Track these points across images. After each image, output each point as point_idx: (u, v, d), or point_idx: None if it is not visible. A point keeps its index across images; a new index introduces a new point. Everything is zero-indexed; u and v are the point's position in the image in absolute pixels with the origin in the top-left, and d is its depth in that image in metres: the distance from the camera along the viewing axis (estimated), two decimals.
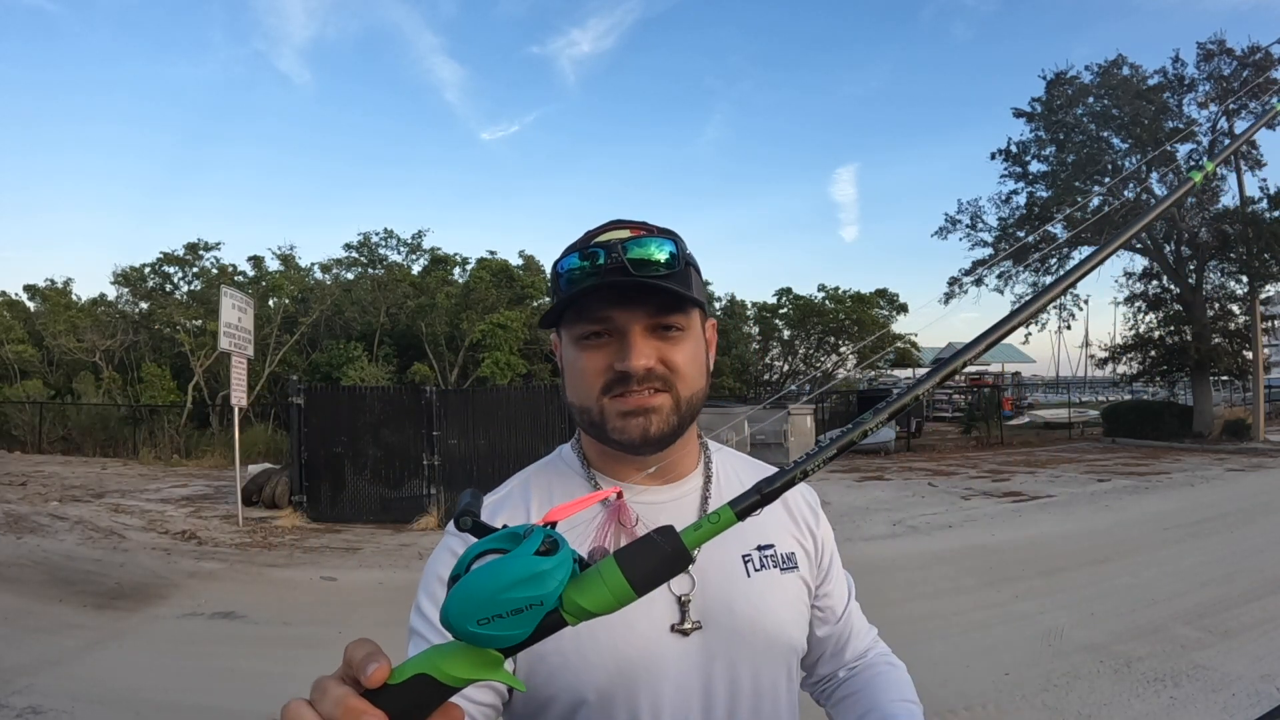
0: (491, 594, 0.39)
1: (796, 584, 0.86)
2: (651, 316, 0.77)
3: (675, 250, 0.77)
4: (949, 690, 3.64)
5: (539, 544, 0.41)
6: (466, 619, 0.39)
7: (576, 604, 0.41)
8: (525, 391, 10.47)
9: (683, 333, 0.79)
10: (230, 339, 8.83)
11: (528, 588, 0.39)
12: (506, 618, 0.39)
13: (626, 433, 0.77)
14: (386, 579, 6.17)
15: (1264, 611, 4.64)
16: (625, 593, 0.42)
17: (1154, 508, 8.76)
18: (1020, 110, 20.11)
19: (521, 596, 0.39)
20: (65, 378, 20.54)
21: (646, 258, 0.75)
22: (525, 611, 0.39)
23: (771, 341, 24.64)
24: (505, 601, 0.39)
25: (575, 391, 0.81)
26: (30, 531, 7.82)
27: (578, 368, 0.79)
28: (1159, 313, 20.36)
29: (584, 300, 0.76)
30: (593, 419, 0.79)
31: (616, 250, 0.75)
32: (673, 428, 0.78)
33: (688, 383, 0.79)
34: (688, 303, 0.78)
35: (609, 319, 0.76)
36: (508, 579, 0.39)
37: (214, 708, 3.63)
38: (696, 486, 0.87)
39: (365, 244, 22.55)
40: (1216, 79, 18.01)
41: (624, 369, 0.75)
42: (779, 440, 13.08)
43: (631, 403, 0.76)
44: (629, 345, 0.76)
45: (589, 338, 0.78)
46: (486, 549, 0.42)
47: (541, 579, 0.40)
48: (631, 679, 0.75)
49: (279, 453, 14.49)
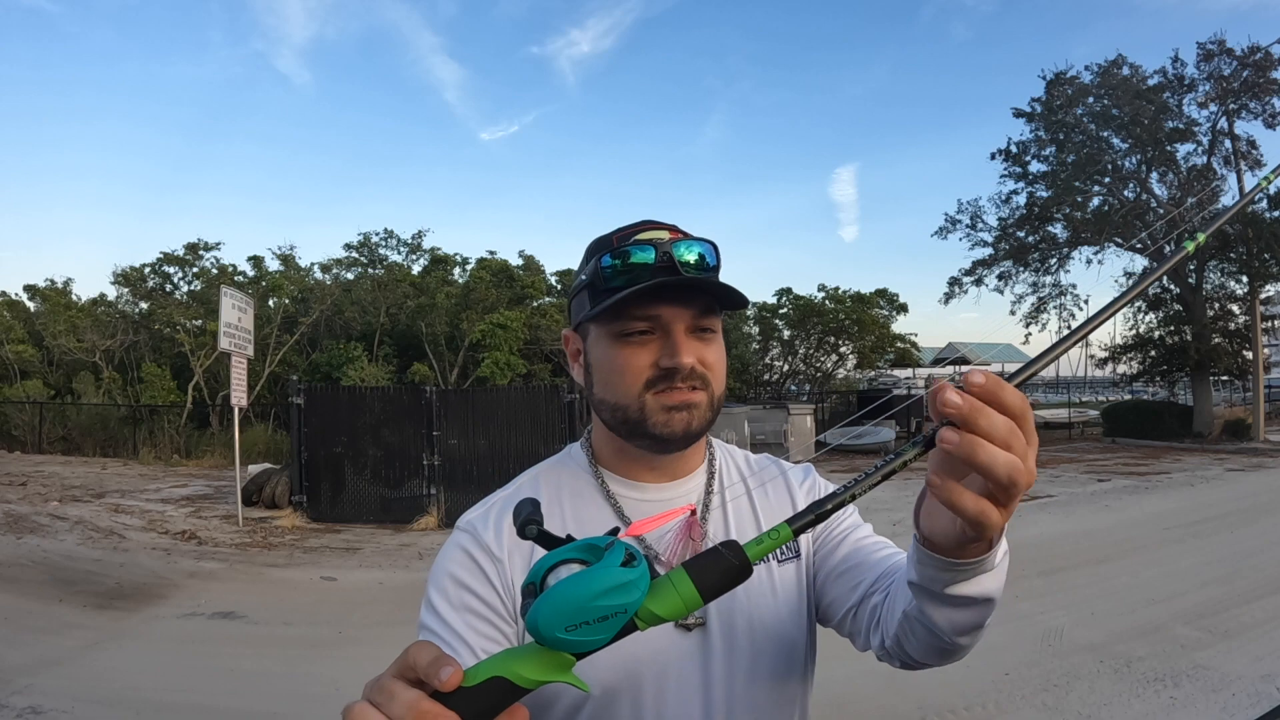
0: (581, 603, 0.41)
1: (795, 574, 0.86)
2: (695, 317, 0.78)
3: (716, 256, 0.80)
4: (949, 690, 3.64)
5: (622, 556, 0.43)
6: (556, 626, 0.41)
7: (650, 611, 0.44)
8: (525, 391, 10.46)
9: (715, 334, 0.81)
10: (230, 339, 8.83)
11: (615, 597, 0.42)
12: (593, 624, 0.41)
13: (670, 426, 0.78)
14: (386, 579, 6.17)
15: (1264, 611, 4.64)
16: (694, 600, 0.45)
17: (1154, 508, 8.76)
18: (1020, 110, 20.12)
19: (609, 605, 0.41)
20: (65, 378, 20.53)
21: (694, 259, 0.77)
22: (610, 619, 0.42)
23: (771, 341, 24.62)
24: (594, 610, 0.41)
25: (611, 388, 0.80)
26: (30, 531, 7.82)
27: (616, 364, 0.78)
28: (1159, 313, 20.36)
29: (633, 297, 0.76)
30: (629, 415, 0.79)
31: (665, 249, 0.76)
32: (707, 423, 0.81)
33: (719, 382, 0.81)
34: (728, 305, 0.80)
35: (656, 316, 0.77)
36: (598, 589, 0.41)
37: (214, 708, 3.63)
38: (699, 484, 0.88)
39: (365, 244, 22.55)
40: (1216, 79, 18.00)
41: (672, 365, 0.76)
42: (779, 440, 13.08)
43: (677, 398, 0.77)
44: (676, 342, 0.77)
45: (632, 335, 0.78)
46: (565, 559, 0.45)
47: (628, 589, 0.42)
48: (636, 676, 0.75)
49: (279, 453, 14.48)
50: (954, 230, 21.43)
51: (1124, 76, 18.88)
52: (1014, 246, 20.60)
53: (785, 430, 13.16)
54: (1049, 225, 20.18)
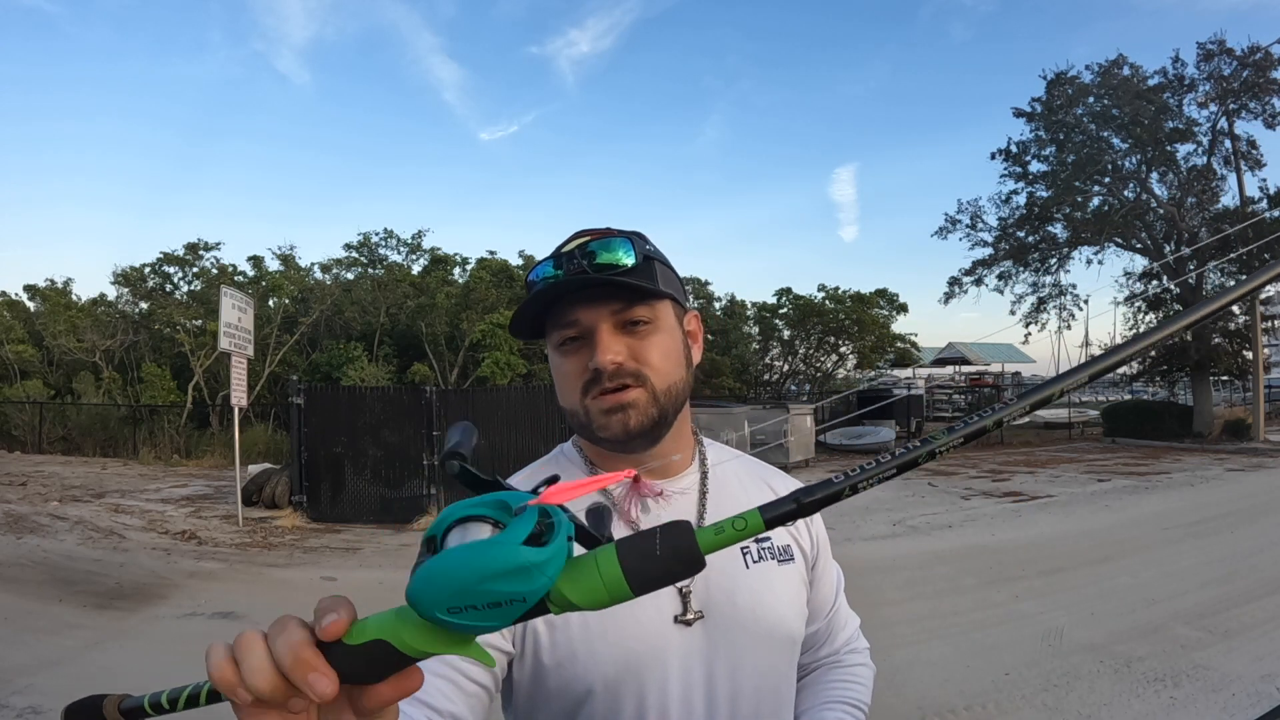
0: (467, 583, 0.34)
1: (793, 575, 0.87)
2: (616, 313, 0.78)
3: (632, 246, 0.78)
4: (949, 690, 3.65)
5: (531, 528, 0.36)
6: (436, 605, 0.34)
7: (564, 597, 0.37)
8: (525, 391, 10.45)
9: (651, 325, 0.80)
10: (230, 339, 8.83)
11: (510, 583, 0.34)
12: (482, 610, 0.34)
13: (610, 429, 0.79)
14: (386, 579, 6.17)
15: (1264, 611, 4.64)
16: (621, 591, 0.37)
17: (1154, 508, 8.76)
18: (1020, 110, 20.12)
19: (501, 591, 0.34)
20: (65, 378, 20.52)
21: (606, 259, 0.77)
22: (504, 606, 0.35)
23: (771, 341, 24.62)
24: (482, 593, 0.34)
25: (562, 395, 0.83)
26: (30, 531, 7.82)
27: (561, 372, 0.82)
28: (1159, 313, 20.36)
29: (553, 307, 0.79)
30: (580, 420, 0.81)
31: (575, 255, 0.77)
32: (653, 420, 0.79)
33: (662, 375, 0.80)
34: (649, 295, 0.79)
35: (576, 321, 0.79)
36: (490, 569, 0.34)
37: (214, 707, 3.62)
38: (693, 483, 0.87)
39: (365, 244, 22.57)
40: (1216, 79, 18.00)
41: (594, 366, 0.77)
42: (779, 440, 13.08)
43: (609, 401, 0.78)
44: (596, 343, 0.78)
45: (564, 343, 0.80)
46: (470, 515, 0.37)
47: (528, 575, 0.34)
48: (637, 670, 0.76)
49: (279, 453, 14.48)
50: (954, 230, 21.45)
51: (1124, 76, 18.88)
52: (1014, 246, 20.60)
53: (785, 430, 13.15)
54: (1049, 225, 20.19)
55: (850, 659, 0.98)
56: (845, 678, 0.95)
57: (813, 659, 0.97)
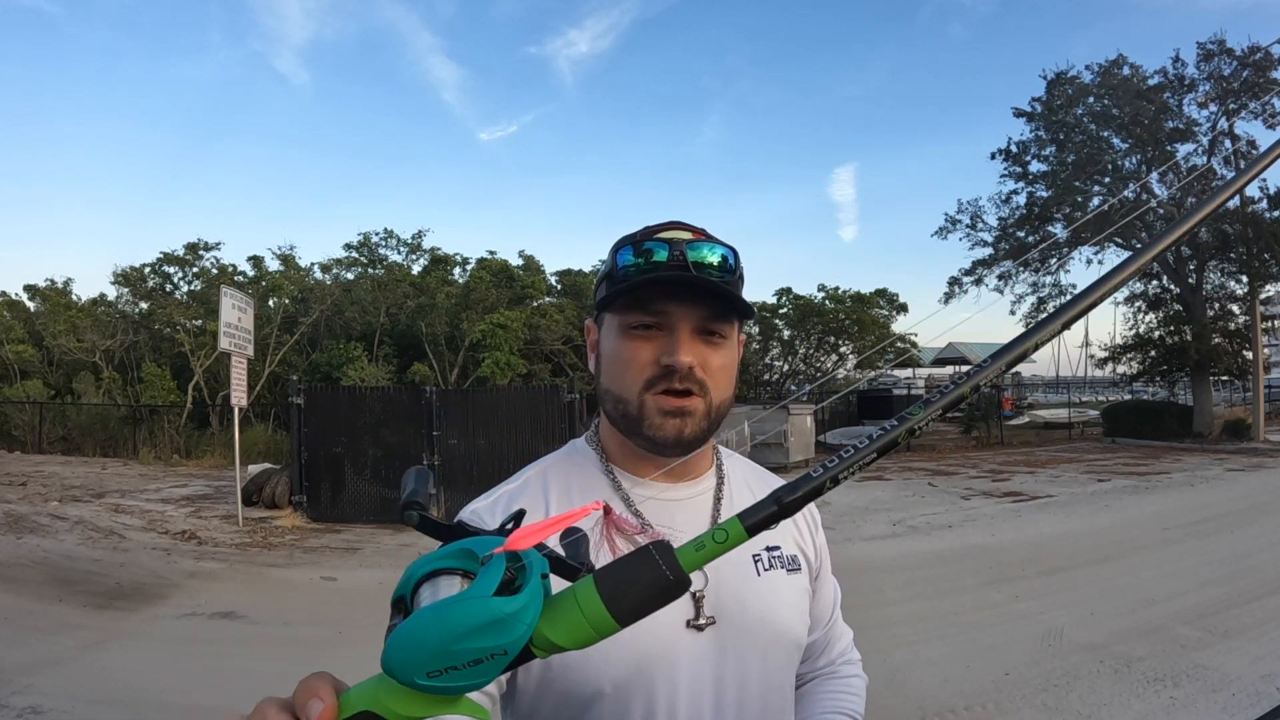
0: (443, 644, 0.32)
1: (800, 585, 0.88)
2: (703, 319, 0.78)
3: (734, 260, 0.79)
4: (949, 690, 3.65)
5: (500, 577, 0.34)
6: (414, 671, 0.33)
7: (547, 639, 0.35)
8: (525, 391, 10.46)
9: (724, 340, 0.80)
10: (230, 339, 8.82)
11: (488, 637, 0.33)
12: (463, 669, 0.33)
13: (663, 430, 0.78)
14: (386, 579, 6.17)
15: (1264, 611, 4.64)
16: (606, 625, 0.36)
17: (1154, 508, 8.76)
18: (1020, 110, 20.13)
19: (481, 646, 0.33)
20: (65, 378, 20.52)
21: (708, 261, 0.77)
22: (486, 662, 0.33)
23: (771, 341, 24.62)
24: (460, 653, 0.32)
25: (616, 380, 0.80)
26: (30, 531, 7.82)
27: (622, 357, 0.80)
28: (1159, 313, 20.37)
29: (643, 291, 0.77)
30: (629, 411, 0.79)
31: (681, 248, 0.76)
32: (703, 432, 0.80)
33: (720, 389, 0.80)
34: (738, 312, 0.79)
35: (665, 313, 0.77)
36: (464, 626, 0.32)
37: (214, 708, 3.62)
38: (710, 487, 0.88)
39: (365, 244, 22.56)
40: (1216, 79, 18.00)
41: (671, 363, 0.76)
42: (779, 440, 13.08)
43: (673, 403, 0.77)
44: (678, 340, 0.77)
45: (639, 328, 0.78)
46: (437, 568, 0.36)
47: (505, 626, 0.33)
48: (648, 673, 0.76)
49: (279, 453, 14.48)
50: (954, 230, 21.46)
51: (1124, 76, 18.89)
52: (1014, 246, 20.60)
53: (785, 430, 13.15)
54: (1049, 225, 20.18)
55: (845, 669, 0.99)
56: (841, 689, 0.96)
57: (810, 669, 0.97)
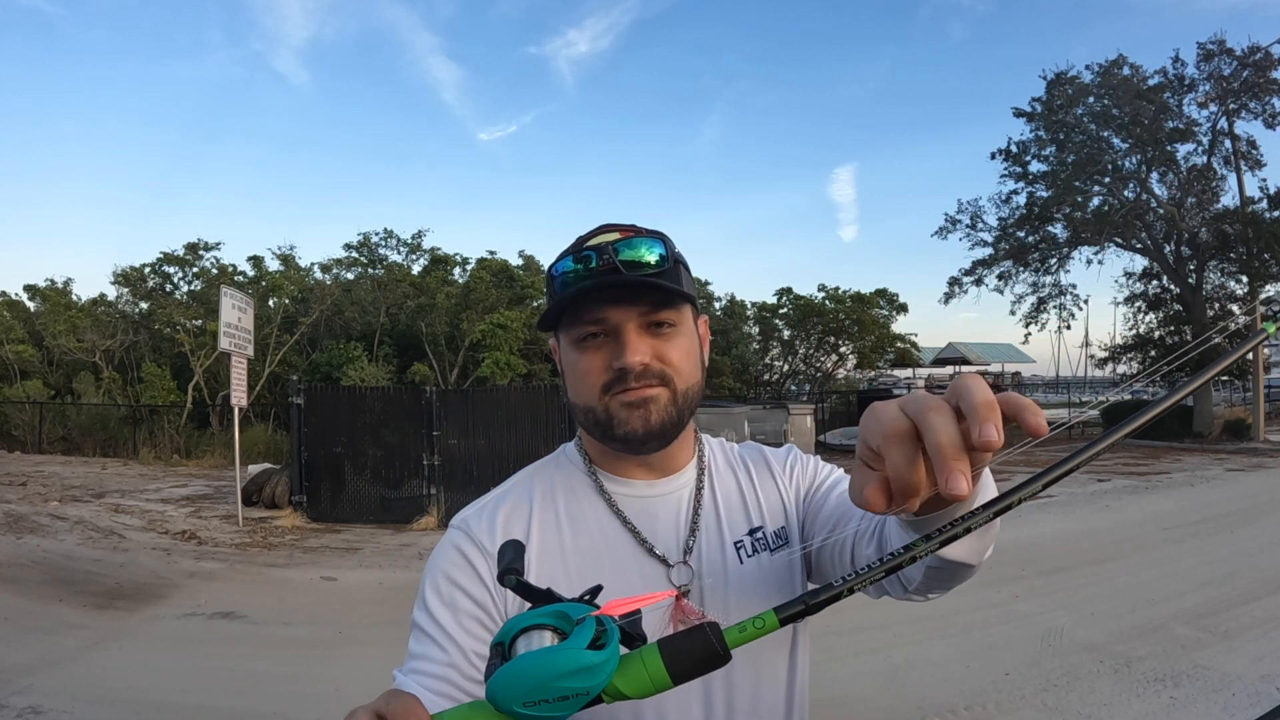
0: (542, 681, 0.41)
1: (787, 563, 0.87)
2: (644, 314, 0.79)
3: (664, 249, 0.79)
4: (949, 690, 3.65)
5: (591, 635, 0.43)
6: (514, 699, 0.41)
7: (617, 689, 0.44)
8: (525, 391, 10.46)
9: (675, 329, 0.81)
10: (230, 339, 8.83)
11: (578, 680, 0.41)
12: (553, 703, 0.41)
13: (630, 424, 0.79)
14: (386, 579, 6.17)
15: (1264, 611, 4.64)
16: (663, 682, 0.44)
17: (1154, 508, 8.76)
18: (1020, 110, 20.10)
19: (570, 687, 0.41)
20: (65, 378, 20.52)
21: (636, 258, 0.77)
22: (570, 699, 0.42)
23: (771, 341, 24.62)
24: (554, 689, 0.41)
25: (577, 392, 0.82)
26: (30, 531, 7.82)
27: (578, 369, 0.81)
28: (1159, 313, 20.36)
29: (578, 302, 0.78)
30: (597, 418, 0.81)
31: (608, 252, 0.77)
32: (673, 420, 0.80)
33: (683, 377, 0.81)
34: (678, 299, 0.80)
35: (604, 319, 0.78)
36: (560, 669, 0.41)
37: (214, 708, 3.63)
38: (690, 479, 0.88)
39: (365, 244, 22.55)
40: (1216, 79, 17.99)
41: (621, 366, 0.77)
42: (779, 440, 13.09)
43: (632, 395, 0.78)
44: (624, 343, 0.78)
45: (586, 339, 0.80)
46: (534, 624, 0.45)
47: (592, 673, 0.42)
48: None
49: (279, 453, 14.48)
50: (954, 230, 21.44)
51: (1124, 76, 18.87)
52: (1014, 246, 20.60)
53: (785, 430, 13.15)
54: (1049, 225, 20.18)
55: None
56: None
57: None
